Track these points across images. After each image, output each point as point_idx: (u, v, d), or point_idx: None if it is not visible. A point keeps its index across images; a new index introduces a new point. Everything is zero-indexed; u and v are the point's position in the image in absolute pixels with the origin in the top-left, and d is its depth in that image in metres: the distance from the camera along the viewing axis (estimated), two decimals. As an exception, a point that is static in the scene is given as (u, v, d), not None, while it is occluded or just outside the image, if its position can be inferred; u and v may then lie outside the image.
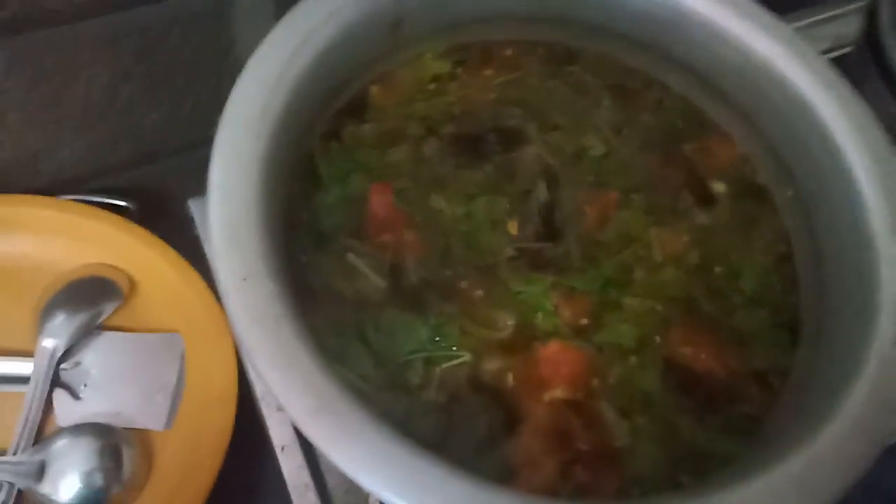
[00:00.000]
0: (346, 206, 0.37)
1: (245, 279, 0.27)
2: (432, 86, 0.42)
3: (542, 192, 0.38)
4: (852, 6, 0.58)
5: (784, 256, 0.38)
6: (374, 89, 0.41)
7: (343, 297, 0.34)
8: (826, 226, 0.36)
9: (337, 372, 0.28)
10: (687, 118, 0.42)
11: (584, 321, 0.35)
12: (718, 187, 0.40)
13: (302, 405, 0.25)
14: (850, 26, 0.56)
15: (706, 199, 0.39)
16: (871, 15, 0.47)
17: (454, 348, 0.34)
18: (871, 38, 0.47)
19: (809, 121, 0.37)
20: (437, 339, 0.34)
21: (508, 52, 0.43)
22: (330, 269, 0.35)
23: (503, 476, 0.30)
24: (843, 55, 0.53)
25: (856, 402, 0.28)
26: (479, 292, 0.35)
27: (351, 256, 0.35)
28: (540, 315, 0.35)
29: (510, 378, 0.33)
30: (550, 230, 0.38)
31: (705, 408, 0.33)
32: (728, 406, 0.34)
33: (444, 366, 0.33)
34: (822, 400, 0.29)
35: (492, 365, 0.33)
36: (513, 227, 0.37)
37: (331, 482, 0.41)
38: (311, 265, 0.35)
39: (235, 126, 0.31)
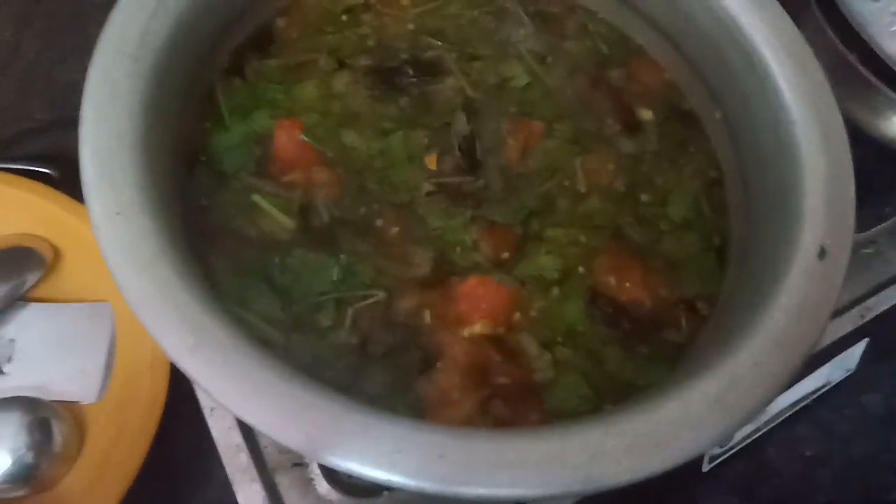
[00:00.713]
0: (249, 144, 0.34)
1: (118, 214, 0.25)
2: (345, 17, 0.39)
3: (461, 125, 0.36)
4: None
5: (714, 181, 0.37)
6: (279, 21, 0.38)
7: (247, 239, 0.32)
8: (752, 144, 0.35)
9: (233, 313, 0.26)
10: (612, 44, 0.40)
11: (506, 254, 0.33)
12: (645, 114, 0.38)
13: (177, 341, 0.23)
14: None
15: (633, 127, 0.38)
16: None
17: (368, 288, 0.32)
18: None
19: (736, 41, 0.35)
20: (349, 278, 0.32)
21: (426, -21, 0.41)
22: (232, 209, 0.33)
23: (418, 415, 0.29)
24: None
25: (776, 315, 0.27)
26: (396, 229, 0.33)
27: (255, 197, 0.33)
28: (458, 250, 0.33)
29: (427, 316, 0.32)
30: (471, 163, 0.36)
31: (631, 337, 0.32)
32: (654, 335, 0.32)
33: (357, 306, 0.31)
34: (743, 317, 0.28)
35: (407, 303, 0.32)
36: (431, 162, 0.35)
37: (263, 442, 0.39)
38: (213, 206, 0.33)
39: (111, 51, 0.28)
